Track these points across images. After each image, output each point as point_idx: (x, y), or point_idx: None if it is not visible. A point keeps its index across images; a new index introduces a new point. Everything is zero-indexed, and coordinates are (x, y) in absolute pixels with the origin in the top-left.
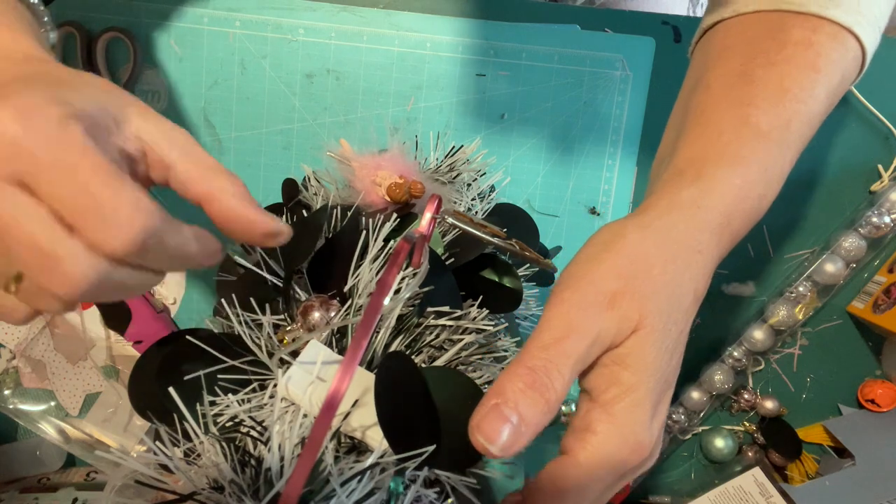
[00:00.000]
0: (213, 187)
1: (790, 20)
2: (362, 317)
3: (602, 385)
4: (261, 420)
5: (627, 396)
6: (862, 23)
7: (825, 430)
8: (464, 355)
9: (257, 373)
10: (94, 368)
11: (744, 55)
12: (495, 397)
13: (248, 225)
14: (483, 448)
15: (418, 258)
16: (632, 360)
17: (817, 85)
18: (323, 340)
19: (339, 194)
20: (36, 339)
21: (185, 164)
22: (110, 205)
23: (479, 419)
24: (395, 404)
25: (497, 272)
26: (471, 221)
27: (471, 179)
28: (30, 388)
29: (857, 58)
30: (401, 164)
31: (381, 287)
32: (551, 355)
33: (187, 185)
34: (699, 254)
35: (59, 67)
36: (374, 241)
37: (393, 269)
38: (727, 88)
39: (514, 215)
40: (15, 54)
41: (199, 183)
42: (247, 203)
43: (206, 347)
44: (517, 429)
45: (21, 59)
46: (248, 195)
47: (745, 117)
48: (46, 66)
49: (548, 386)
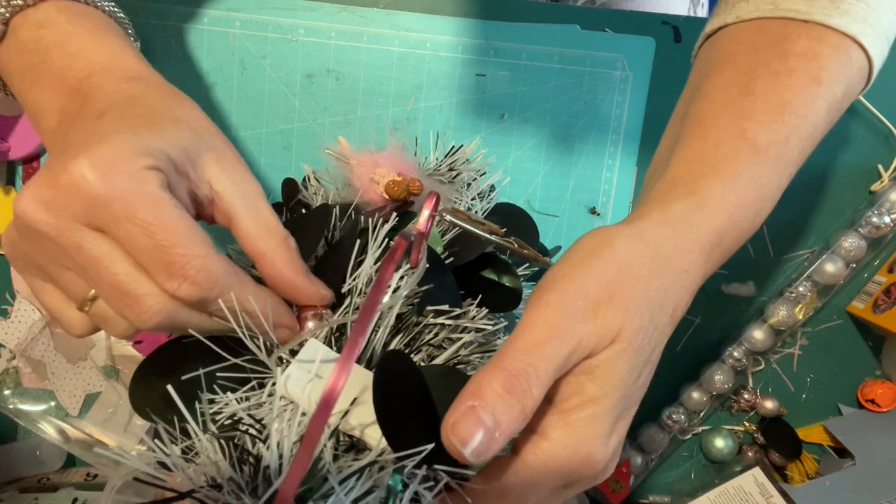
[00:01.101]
0: (268, 249)
1: (794, 29)
2: (359, 314)
3: (565, 392)
4: (259, 418)
5: (588, 408)
6: (869, 33)
7: (825, 430)
8: (462, 354)
9: (256, 371)
10: (94, 368)
11: (745, 65)
12: (472, 398)
13: (294, 290)
14: (456, 451)
15: (416, 256)
16: (601, 373)
17: (818, 98)
18: (321, 339)
19: (338, 193)
20: (36, 339)
21: (246, 221)
22: (180, 261)
23: (454, 420)
24: (393, 402)
25: (496, 271)
26: (469, 219)
27: (470, 179)
28: (30, 388)
29: (863, 69)
30: (399, 163)
31: (379, 284)
32: (532, 359)
33: (245, 240)
34: (685, 273)
35: (159, 91)
36: (373, 239)
37: (390, 266)
38: (726, 99)
39: (513, 215)
40: (119, 69)
41: (256, 242)
42: (296, 269)
43: (208, 343)
44: (491, 434)
45: (124, 77)
46: (298, 259)
47: (743, 131)
48: (147, 88)
49: (526, 392)
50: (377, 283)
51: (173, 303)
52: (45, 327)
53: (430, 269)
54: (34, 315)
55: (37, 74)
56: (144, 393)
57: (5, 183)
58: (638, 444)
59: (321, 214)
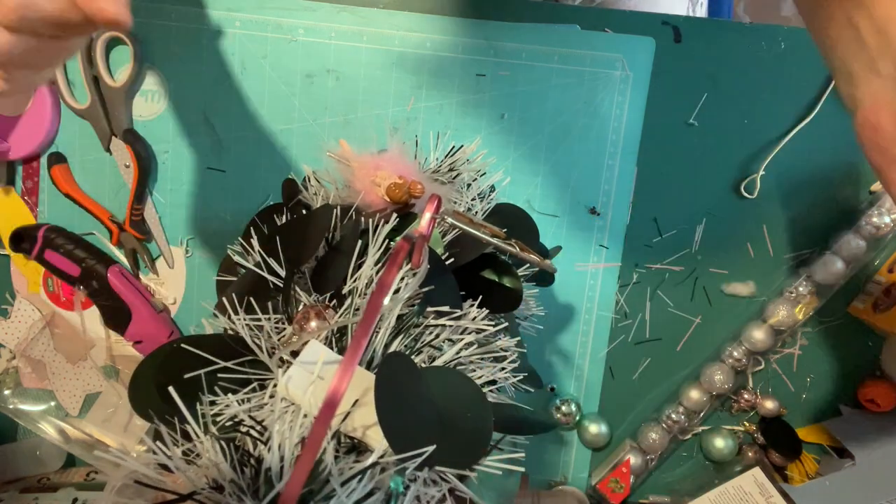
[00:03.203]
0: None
1: None
2: (362, 316)
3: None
4: (261, 420)
5: None
6: None
7: (825, 430)
8: (464, 355)
9: (257, 373)
10: (94, 368)
11: None
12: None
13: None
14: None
15: (418, 258)
16: None
17: None
18: (322, 340)
19: (338, 194)
20: (36, 339)
21: None
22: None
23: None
24: (395, 404)
25: (497, 272)
26: (470, 221)
27: (471, 179)
28: (30, 388)
29: None
30: (400, 165)
31: (381, 287)
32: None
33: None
34: None
35: None
36: (373, 241)
37: (392, 269)
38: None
39: (514, 215)
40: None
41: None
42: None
43: (203, 352)
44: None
45: None
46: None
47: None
48: None
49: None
50: (379, 287)
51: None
52: (45, 327)
53: (431, 270)
54: (34, 315)
55: None
56: (145, 393)
57: (5, 183)
58: (638, 444)
59: (323, 216)
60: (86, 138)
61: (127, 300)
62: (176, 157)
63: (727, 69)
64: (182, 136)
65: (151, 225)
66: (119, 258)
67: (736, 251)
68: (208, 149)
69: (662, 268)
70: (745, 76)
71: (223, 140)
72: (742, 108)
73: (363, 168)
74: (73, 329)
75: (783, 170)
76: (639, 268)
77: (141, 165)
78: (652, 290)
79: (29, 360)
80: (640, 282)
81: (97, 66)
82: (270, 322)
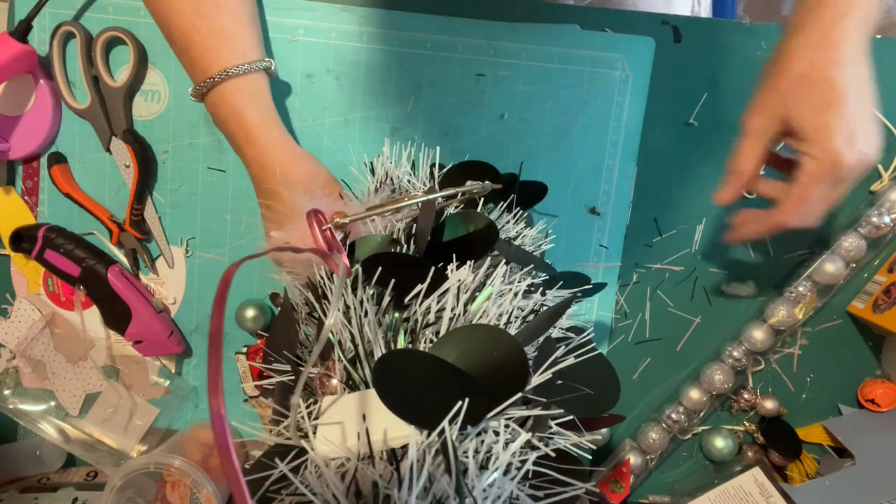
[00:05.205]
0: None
1: None
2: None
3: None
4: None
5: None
6: None
7: (825, 430)
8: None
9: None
10: (94, 368)
11: None
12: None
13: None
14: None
15: (334, 265)
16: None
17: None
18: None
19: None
20: (36, 339)
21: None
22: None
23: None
24: (401, 393)
25: (464, 225)
26: (365, 210)
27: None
28: (30, 388)
29: None
30: (328, 212)
31: (217, 309)
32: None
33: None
34: None
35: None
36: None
37: (221, 303)
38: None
39: (475, 168)
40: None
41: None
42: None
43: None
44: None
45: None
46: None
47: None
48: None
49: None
50: (215, 312)
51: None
52: (45, 327)
53: (396, 264)
54: (34, 315)
55: None
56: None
57: (5, 183)
58: (638, 444)
59: (289, 317)
60: (86, 138)
61: (127, 300)
62: (176, 157)
63: (727, 69)
64: (182, 136)
65: (151, 225)
66: (119, 258)
67: (736, 251)
68: (208, 149)
69: (662, 268)
70: (745, 76)
71: (223, 140)
72: (742, 108)
73: (299, 236)
74: (73, 329)
75: None
76: (639, 268)
77: (141, 165)
78: (652, 289)
79: (29, 360)
80: (640, 282)
81: (97, 66)
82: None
